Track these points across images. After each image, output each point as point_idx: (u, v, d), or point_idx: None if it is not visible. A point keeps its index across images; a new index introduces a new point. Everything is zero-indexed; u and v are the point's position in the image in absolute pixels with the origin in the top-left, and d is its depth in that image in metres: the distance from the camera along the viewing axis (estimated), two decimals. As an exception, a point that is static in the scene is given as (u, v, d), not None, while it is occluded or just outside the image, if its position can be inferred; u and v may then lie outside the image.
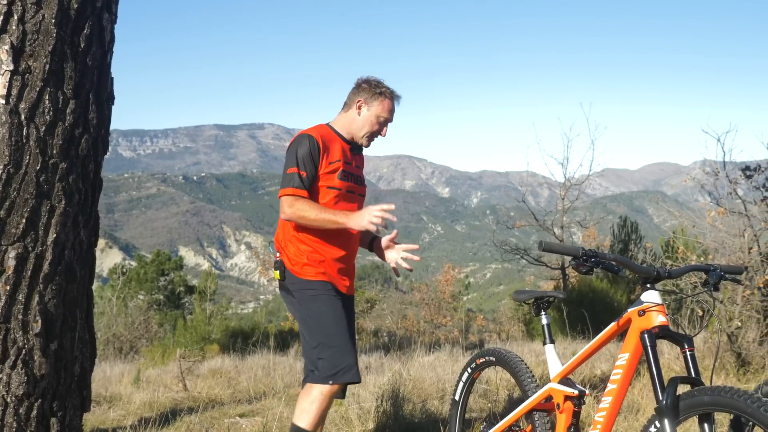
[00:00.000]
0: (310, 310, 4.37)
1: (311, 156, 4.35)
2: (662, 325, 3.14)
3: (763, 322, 9.73)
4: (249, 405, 8.61)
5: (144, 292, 29.66)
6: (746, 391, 2.81)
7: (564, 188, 22.51)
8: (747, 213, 12.03)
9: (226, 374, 11.25)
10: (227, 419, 7.78)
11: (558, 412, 3.61)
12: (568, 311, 14.63)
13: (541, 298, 3.95)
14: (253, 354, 13.38)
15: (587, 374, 8.75)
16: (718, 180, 12.92)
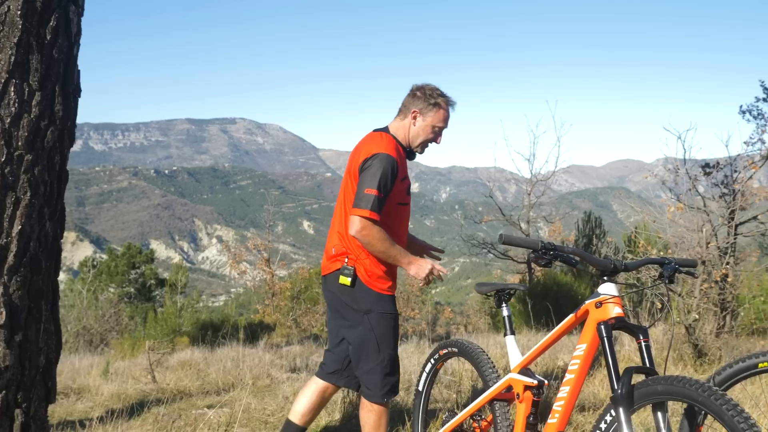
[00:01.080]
0: (377, 329, 4.42)
1: (392, 178, 4.34)
2: (618, 317, 3.18)
3: (720, 315, 9.86)
4: (217, 396, 8.58)
5: (115, 285, 29.49)
6: (698, 381, 2.85)
7: (530, 184, 22.64)
8: (706, 209, 12.18)
9: (195, 366, 11.20)
10: (195, 411, 7.75)
11: (518, 401, 3.65)
12: (532, 304, 14.72)
13: (502, 290, 3.98)
14: (223, 346, 13.34)
15: (550, 365, 8.81)
16: (679, 177, 13.05)
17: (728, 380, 3.73)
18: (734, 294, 10.68)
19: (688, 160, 13.15)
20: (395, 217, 4.48)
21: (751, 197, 12.86)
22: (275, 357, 12.00)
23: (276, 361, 11.48)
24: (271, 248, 31.09)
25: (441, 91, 4.51)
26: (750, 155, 13.53)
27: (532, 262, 3.31)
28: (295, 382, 9.18)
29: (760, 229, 13.63)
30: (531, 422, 3.58)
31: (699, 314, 9.60)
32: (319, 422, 6.93)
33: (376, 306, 4.44)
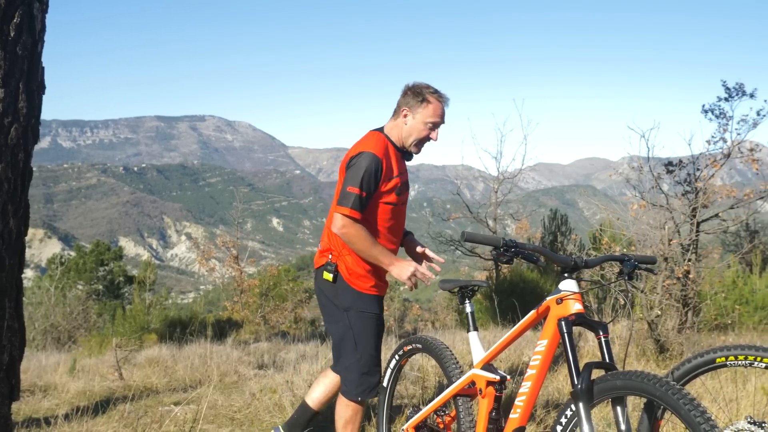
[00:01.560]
0: (355, 327, 4.46)
1: (375, 177, 4.33)
2: (579, 313, 3.20)
3: (682, 311, 9.96)
4: (184, 393, 8.55)
5: (83, 283, 29.22)
6: (656, 376, 2.88)
7: (497, 181, 22.70)
8: (668, 206, 12.29)
9: (162, 363, 11.14)
10: (161, 407, 7.72)
11: (480, 396, 3.66)
12: (499, 300, 14.78)
13: (465, 287, 4.00)
14: (191, 343, 13.27)
15: (515, 361, 8.85)
16: (643, 175, 13.18)
17: (687, 375, 3.77)
18: (696, 290, 10.79)
19: (651, 158, 13.28)
20: (383, 216, 4.47)
21: (713, 195, 13.01)
22: (243, 354, 11.96)
23: (244, 358, 11.44)
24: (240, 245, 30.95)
25: (431, 87, 4.47)
26: (712, 154, 13.69)
27: (494, 259, 3.33)
28: (263, 379, 9.16)
29: (722, 226, 13.80)
30: (493, 417, 3.60)
31: (661, 310, 9.69)
32: (285, 418, 6.92)
33: (355, 304, 4.47)
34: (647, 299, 9.85)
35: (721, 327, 13.19)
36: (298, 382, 7.60)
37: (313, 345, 12.72)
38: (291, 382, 7.75)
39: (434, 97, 4.41)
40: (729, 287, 14.53)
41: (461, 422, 3.78)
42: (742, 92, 13.95)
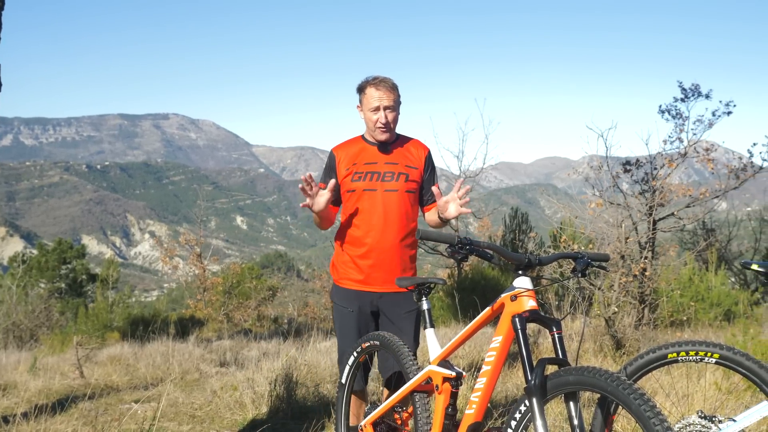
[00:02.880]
0: (335, 318, 4.87)
1: (329, 169, 4.75)
2: (532, 310, 3.21)
3: (639, 308, 10.07)
4: (145, 391, 8.50)
5: (45, 281, 28.89)
6: (608, 371, 2.90)
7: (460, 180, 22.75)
8: (626, 205, 12.41)
9: (124, 361, 11.08)
10: (122, 405, 7.67)
11: (437, 393, 3.67)
12: (460, 298, 14.83)
13: (422, 284, 4.01)
14: (153, 341, 13.19)
15: (475, 357, 8.90)
16: (601, 174, 13.29)
17: (640, 370, 3.81)
18: (652, 287, 10.91)
19: (610, 157, 13.41)
20: (349, 203, 4.72)
21: (669, 194, 13.16)
22: (205, 352, 11.92)
23: (206, 356, 11.40)
24: (204, 243, 30.80)
25: (370, 77, 4.63)
26: (668, 153, 13.85)
27: (449, 256, 3.33)
28: (224, 377, 9.14)
29: (678, 224, 13.95)
30: (450, 413, 3.60)
31: (618, 307, 9.79)
32: (246, 415, 6.91)
33: (334, 297, 4.83)
34: (605, 296, 9.94)
35: (677, 323, 13.33)
36: (259, 379, 7.57)
37: (276, 342, 12.70)
38: (252, 379, 7.73)
39: (370, 84, 4.59)
40: (685, 284, 14.70)
41: (418, 418, 3.78)
42: (698, 93, 14.13)
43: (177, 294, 46.19)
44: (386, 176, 4.65)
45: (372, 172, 4.63)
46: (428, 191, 4.83)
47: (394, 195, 4.67)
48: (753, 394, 5.60)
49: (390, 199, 4.65)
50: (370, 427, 4.14)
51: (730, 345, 3.91)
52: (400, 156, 4.73)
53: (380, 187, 4.63)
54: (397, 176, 4.68)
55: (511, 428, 3.17)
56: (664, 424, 2.70)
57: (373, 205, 4.61)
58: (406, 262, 4.73)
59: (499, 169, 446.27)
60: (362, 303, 4.67)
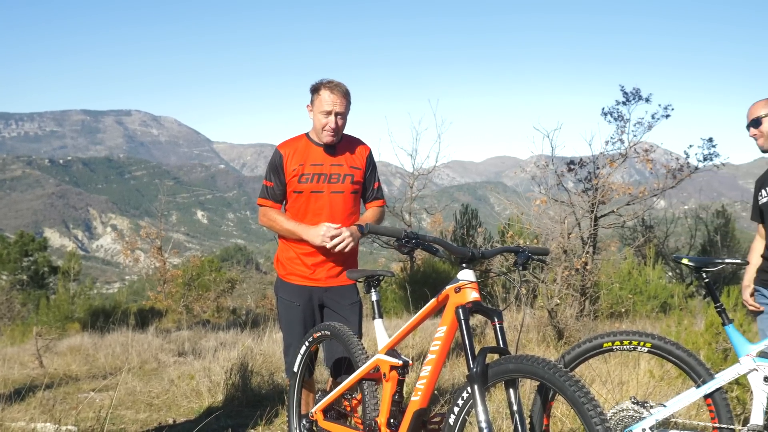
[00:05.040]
0: (279, 311, 4.84)
1: (275, 167, 4.64)
2: (475, 301, 3.24)
3: (580, 300, 10.19)
4: (104, 380, 8.42)
5: (7, 273, 28.44)
6: (546, 360, 2.94)
7: (413, 177, 22.81)
8: (569, 202, 12.56)
9: (84, 351, 10.96)
10: (80, 394, 7.60)
11: (384, 380, 3.68)
12: (412, 290, 14.90)
13: (371, 276, 4.02)
14: (113, 332, 13.07)
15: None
16: (547, 173, 13.44)
17: (577, 359, 3.87)
18: (593, 281, 11.05)
19: (555, 157, 13.56)
20: (295, 204, 4.67)
21: (611, 192, 13.34)
22: (164, 342, 11.83)
23: (165, 346, 11.33)
24: (165, 237, 30.57)
25: (325, 80, 4.56)
26: (610, 154, 14.05)
27: (396, 249, 3.36)
28: (182, 366, 9.08)
29: (618, 221, 14.16)
30: (396, 400, 3.62)
31: (561, 299, 9.90)
32: (202, 403, 6.88)
33: (278, 290, 4.79)
34: (548, 289, 10.05)
35: (616, 315, 13.51)
36: (215, 368, 7.54)
37: (233, 333, 12.65)
38: (209, 368, 7.69)
39: (325, 87, 4.51)
40: (624, 278, 14.90)
41: (366, 405, 3.80)
42: (638, 96, 14.35)
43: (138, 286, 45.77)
44: (332, 178, 4.63)
45: (319, 174, 4.59)
46: (369, 189, 4.86)
47: (340, 196, 4.67)
48: (683, 381, 5.70)
49: (336, 200, 4.65)
50: (321, 414, 4.15)
51: (663, 335, 3.99)
52: (345, 157, 4.71)
53: (327, 189, 4.62)
54: (343, 178, 4.67)
55: (454, 414, 3.20)
56: (597, 409, 2.75)
57: (320, 206, 4.60)
58: (348, 257, 4.73)
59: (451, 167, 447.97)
60: (309, 297, 4.66)
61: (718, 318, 4.04)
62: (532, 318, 10.10)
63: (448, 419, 3.22)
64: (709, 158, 15.28)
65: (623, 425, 3.72)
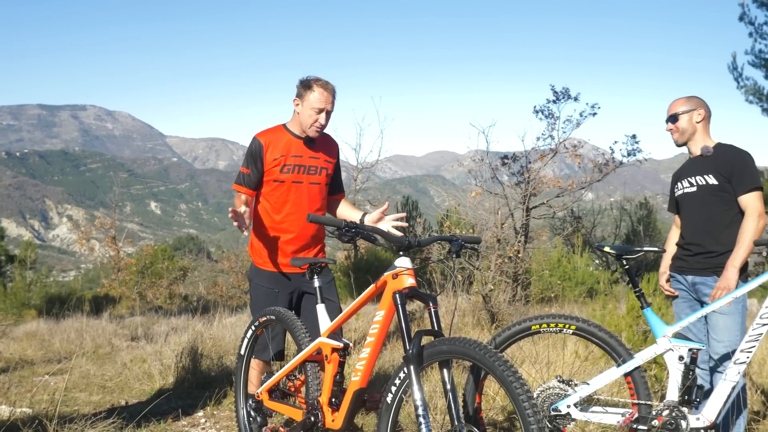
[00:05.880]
0: (252, 297, 4.80)
1: (253, 156, 4.57)
2: (412, 287, 3.27)
3: (513, 286, 10.30)
4: (59, 364, 8.27)
5: (-37, 262, 27.74)
6: (477, 341, 2.98)
7: (357, 171, 22.79)
8: (503, 194, 12.68)
9: (40, 337, 10.76)
10: (35, 377, 7.46)
11: (326, 362, 3.69)
12: (355, 277, 14.90)
13: (314, 264, 4.02)
14: (69, 318, 12.83)
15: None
16: (483, 166, 13.56)
17: (507, 341, 3.92)
18: (525, 268, 11.18)
19: (490, 152, 13.69)
20: (274, 192, 4.62)
21: (542, 185, 13.52)
22: (118, 327, 11.67)
23: (118, 331, 11.18)
24: (119, 227, 30.13)
25: (316, 77, 4.55)
26: (541, 149, 14.22)
27: (337, 238, 3.37)
28: (134, 350, 8.96)
29: (549, 212, 14.35)
30: (337, 380, 3.64)
31: (494, 285, 10.00)
32: (153, 386, 6.81)
33: (253, 277, 4.76)
34: (482, 276, 10.14)
35: (546, 300, 13.69)
36: (166, 352, 7.46)
37: (185, 318, 12.51)
38: (160, 352, 7.62)
39: (318, 84, 4.49)
40: (554, 265, 15.11)
41: (309, 385, 3.81)
42: (567, 95, 14.51)
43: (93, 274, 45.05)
44: (311, 170, 4.65)
45: (299, 165, 4.60)
46: (336, 182, 4.92)
47: (317, 187, 4.70)
48: (606, 361, 5.80)
49: (313, 191, 4.68)
50: (266, 394, 4.14)
51: (587, 318, 4.05)
52: (322, 150, 4.74)
53: (306, 180, 4.64)
54: (320, 171, 4.70)
55: (391, 393, 3.23)
56: (524, 387, 2.79)
57: (299, 196, 4.61)
58: (319, 242, 4.83)
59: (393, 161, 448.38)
60: (289, 284, 4.64)
61: (638, 302, 4.10)
62: (467, 303, 10.17)
63: (386, 398, 3.24)
64: (633, 154, 15.54)
65: (549, 402, 3.78)
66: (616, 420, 3.72)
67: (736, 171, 4.29)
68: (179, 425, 5.41)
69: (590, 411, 3.78)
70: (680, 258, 4.56)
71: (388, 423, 3.23)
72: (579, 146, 14.76)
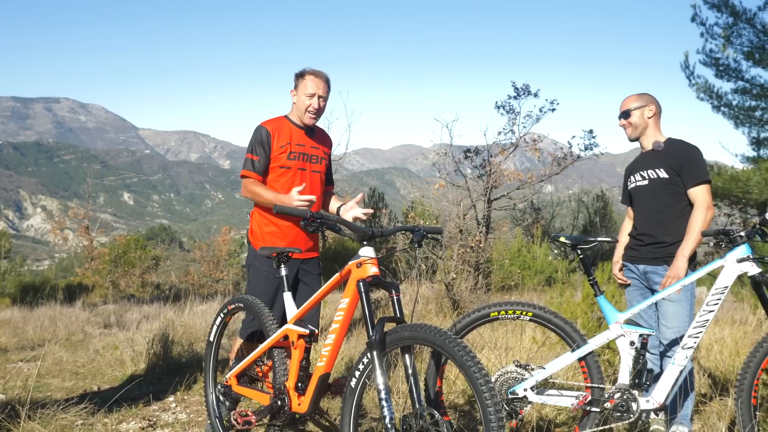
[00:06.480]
0: (250, 280, 4.74)
1: (262, 143, 4.57)
2: (375, 275, 3.27)
3: (474, 274, 10.36)
4: (32, 351, 8.19)
5: (-62, 251, 27.32)
6: (437, 328, 2.99)
7: (325, 163, 22.77)
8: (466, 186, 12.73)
9: (13, 324, 10.64)
10: (9, 364, 7.36)
11: (293, 348, 3.69)
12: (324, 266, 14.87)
13: (281, 253, 4.01)
14: (43, 306, 12.70)
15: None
16: (447, 160, 13.61)
17: (467, 327, 3.93)
18: (486, 257, 11.24)
19: (454, 146, 13.74)
20: (281, 178, 4.62)
21: (503, 178, 13.60)
22: (91, 315, 11.57)
23: (91, 319, 11.08)
24: (92, 217, 29.83)
25: (310, 68, 4.67)
26: (502, 143, 14.30)
27: (302, 228, 3.36)
28: (107, 337, 8.90)
29: (510, 204, 14.43)
30: (303, 366, 3.63)
31: (457, 274, 10.04)
32: (125, 372, 6.76)
33: (252, 261, 4.70)
34: (445, 265, 10.17)
35: (506, 288, 13.80)
36: (138, 339, 7.42)
37: (157, 306, 12.44)
38: (132, 339, 7.57)
39: (310, 73, 4.62)
40: (514, 255, 15.21)
41: (276, 371, 3.80)
42: (528, 92, 14.60)
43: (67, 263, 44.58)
44: (313, 159, 4.73)
45: (303, 153, 4.67)
46: (328, 173, 4.98)
47: (318, 176, 4.78)
48: (562, 346, 5.86)
49: (315, 179, 4.75)
50: (234, 379, 4.13)
51: (544, 305, 4.09)
52: (320, 142, 4.83)
53: (309, 168, 4.71)
54: (320, 160, 4.79)
55: (355, 377, 3.23)
56: (482, 371, 2.81)
57: (303, 182, 4.62)
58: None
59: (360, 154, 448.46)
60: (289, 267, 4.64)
61: (592, 290, 4.14)
62: (431, 291, 10.21)
63: (350, 383, 3.24)
64: (590, 148, 15.71)
65: (507, 386, 3.81)
66: (570, 402, 3.75)
67: (686, 165, 4.34)
68: (150, 410, 5.37)
69: (546, 394, 3.81)
70: (632, 248, 4.62)
71: (352, 406, 3.24)
72: (539, 140, 14.88)
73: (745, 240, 3.80)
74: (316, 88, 4.59)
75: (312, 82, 4.59)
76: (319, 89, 4.60)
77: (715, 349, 6.66)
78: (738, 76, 20.11)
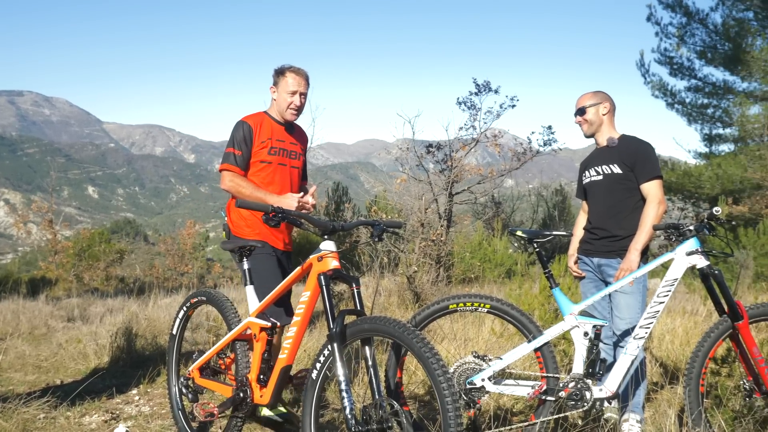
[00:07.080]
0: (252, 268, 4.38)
1: (245, 137, 4.54)
2: (336, 269, 3.30)
3: (436, 267, 10.40)
4: (-6, 346, 8.05)
5: None
6: (396, 320, 3.02)
7: (290, 157, 22.68)
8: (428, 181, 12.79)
9: (-25, 319, 10.44)
10: (-30, 359, 7.24)
11: (255, 341, 3.69)
12: (287, 260, 14.83)
13: (243, 246, 4.00)
14: (4, 300, 12.49)
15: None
16: (409, 154, 13.64)
17: (426, 319, 3.96)
18: (447, 250, 11.29)
19: (416, 141, 13.79)
20: (261, 173, 4.59)
21: (464, 173, 13.68)
22: (54, 309, 11.41)
23: (55, 312, 10.92)
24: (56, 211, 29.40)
25: (289, 65, 4.68)
26: (464, 139, 14.38)
27: (264, 222, 3.37)
28: (70, 331, 8.79)
29: (471, 198, 14.52)
30: (266, 358, 3.64)
31: (418, 267, 10.08)
32: (89, 365, 6.69)
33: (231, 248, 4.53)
34: (407, 258, 10.21)
35: (467, 280, 13.87)
36: (102, 332, 7.36)
37: (121, 300, 12.32)
38: (96, 332, 7.51)
39: (290, 70, 4.63)
40: (475, 248, 15.30)
41: (239, 363, 3.80)
42: (488, 88, 14.69)
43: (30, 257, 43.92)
44: (292, 154, 4.75)
45: (283, 149, 4.68)
46: (304, 169, 5.02)
47: (297, 171, 4.81)
48: (520, 338, 5.92)
49: (294, 174, 4.78)
50: (197, 372, 4.12)
51: (502, 298, 4.13)
52: (299, 138, 4.86)
53: (288, 163, 4.72)
54: (298, 156, 4.81)
55: (316, 369, 3.25)
56: (440, 362, 2.84)
57: (283, 178, 4.66)
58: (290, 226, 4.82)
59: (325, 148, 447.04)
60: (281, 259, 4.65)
61: (548, 282, 4.20)
62: (393, 283, 10.24)
63: (311, 374, 3.26)
64: (549, 143, 15.88)
65: (465, 376, 3.85)
66: (526, 392, 3.80)
67: (639, 161, 4.42)
68: (113, 403, 5.33)
69: (503, 384, 3.86)
70: (587, 241, 4.68)
71: (314, 397, 3.26)
72: (499, 136, 14.98)
73: (693, 234, 3.89)
74: (298, 86, 4.61)
75: (293, 80, 4.60)
76: (300, 86, 4.63)
77: (666, 339, 6.78)
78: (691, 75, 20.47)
